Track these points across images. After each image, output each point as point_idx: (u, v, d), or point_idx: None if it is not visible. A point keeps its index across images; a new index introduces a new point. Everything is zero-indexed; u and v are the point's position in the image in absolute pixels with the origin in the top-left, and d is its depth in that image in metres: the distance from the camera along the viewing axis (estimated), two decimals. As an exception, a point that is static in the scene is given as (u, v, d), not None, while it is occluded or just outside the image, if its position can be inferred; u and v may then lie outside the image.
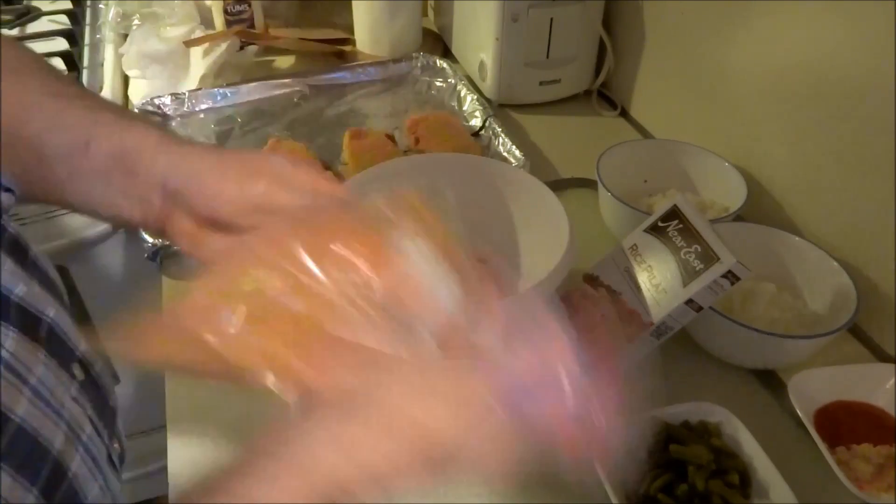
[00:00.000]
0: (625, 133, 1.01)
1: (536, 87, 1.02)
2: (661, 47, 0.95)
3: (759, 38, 0.77)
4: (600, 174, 0.77)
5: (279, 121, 0.98)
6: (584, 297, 0.65)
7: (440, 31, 1.21)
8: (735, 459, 0.54)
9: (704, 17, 0.85)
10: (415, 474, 0.32)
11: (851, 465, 0.56)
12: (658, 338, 0.59)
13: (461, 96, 1.01)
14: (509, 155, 0.88)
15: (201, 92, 1.00)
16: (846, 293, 0.64)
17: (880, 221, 0.65)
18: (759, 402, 0.63)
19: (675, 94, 0.94)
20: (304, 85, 1.04)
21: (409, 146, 0.93)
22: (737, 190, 0.76)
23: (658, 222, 0.61)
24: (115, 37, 1.13)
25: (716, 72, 0.85)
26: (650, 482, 0.53)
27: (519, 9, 0.93)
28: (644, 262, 0.60)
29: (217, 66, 1.04)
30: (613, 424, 0.33)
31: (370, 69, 1.09)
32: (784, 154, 0.77)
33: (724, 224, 0.71)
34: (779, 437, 0.58)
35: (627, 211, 0.73)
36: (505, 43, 0.96)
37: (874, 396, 0.60)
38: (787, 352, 0.62)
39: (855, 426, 0.59)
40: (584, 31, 1.00)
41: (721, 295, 0.56)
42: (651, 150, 0.86)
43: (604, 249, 0.65)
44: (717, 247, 0.56)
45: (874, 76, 0.63)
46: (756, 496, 0.53)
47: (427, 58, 1.10)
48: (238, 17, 1.16)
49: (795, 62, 0.73)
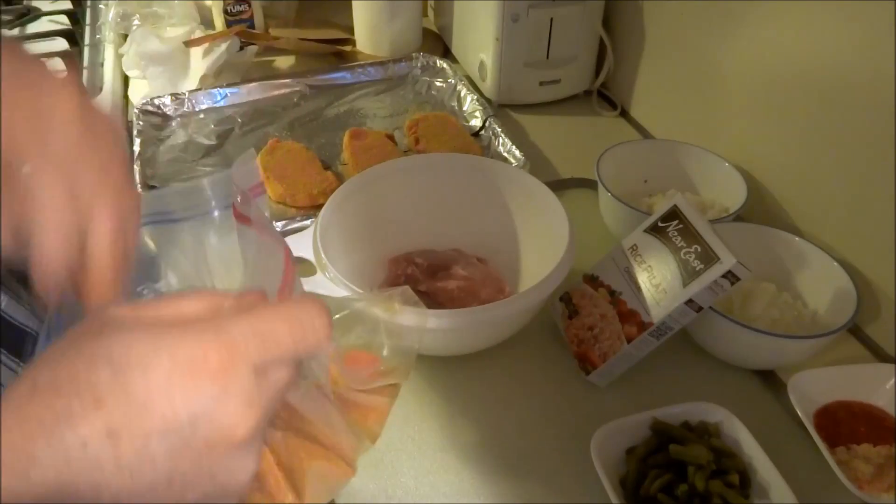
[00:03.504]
0: (625, 133, 1.01)
1: (536, 87, 1.02)
2: (661, 47, 0.95)
3: (759, 39, 0.77)
4: (600, 174, 0.77)
5: (279, 121, 0.99)
6: (584, 297, 0.65)
7: (440, 31, 1.21)
8: (735, 459, 0.54)
9: (704, 17, 0.85)
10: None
11: (851, 465, 0.56)
12: (658, 338, 0.59)
13: (461, 96, 1.01)
14: (509, 155, 0.88)
15: (201, 92, 1.00)
16: (846, 293, 0.64)
17: (880, 221, 0.65)
18: (759, 402, 0.63)
19: (675, 94, 0.94)
20: (304, 85, 1.04)
21: (409, 146, 0.93)
22: (737, 190, 0.76)
23: (658, 222, 0.61)
24: (115, 37, 1.13)
25: (716, 72, 0.85)
26: (650, 482, 0.53)
27: (519, 9, 0.93)
28: (644, 263, 0.60)
29: (217, 66, 1.04)
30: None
31: (370, 69, 1.09)
32: (784, 154, 0.77)
33: (724, 224, 0.71)
34: (779, 437, 0.58)
35: (627, 211, 0.73)
36: (505, 43, 0.96)
37: (874, 396, 0.60)
38: (787, 352, 0.62)
39: (855, 426, 0.59)
40: (584, 31, 1.00)
41: (721, 295, 0.56)
42: (651, 150, 0.86)
43: (604, 249, 0.65)
44: (717, 247, 0.56)
45: (874, 76, 0.63)
46: (756, 496, 0.53)
47: (427, 58, 1.10)
48: (238, 17, 1.16)
49: (795, 62, 0.73)
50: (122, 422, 0.24)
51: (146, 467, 0.25)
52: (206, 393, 0.26)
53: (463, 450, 0.58)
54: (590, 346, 0.62)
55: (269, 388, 0.28)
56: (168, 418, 0.25)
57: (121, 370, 0.25)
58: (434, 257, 0.73)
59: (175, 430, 0.25)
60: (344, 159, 0.90)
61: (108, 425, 0.24)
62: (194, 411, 0.25)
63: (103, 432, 0.24)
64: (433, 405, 0.62)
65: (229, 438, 0.26)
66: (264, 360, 0.27)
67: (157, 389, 0.25)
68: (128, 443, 0.24)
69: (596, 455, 0.53)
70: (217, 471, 0.26)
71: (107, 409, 0.24)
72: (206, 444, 0.26)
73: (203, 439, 0.26)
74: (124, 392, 0.25)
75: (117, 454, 0.24)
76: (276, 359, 0.28)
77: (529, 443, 0.59)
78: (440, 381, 0.64)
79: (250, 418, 0.27)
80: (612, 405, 0.61)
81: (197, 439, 0.25)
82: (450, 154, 0.84)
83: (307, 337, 0.29)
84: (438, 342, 0.61)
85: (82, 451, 0.24)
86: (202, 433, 0.26)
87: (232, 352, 0.26)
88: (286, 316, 0.29)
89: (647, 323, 0.58)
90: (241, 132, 0.96)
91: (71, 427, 0.24)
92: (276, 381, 0.28)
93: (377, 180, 0.71)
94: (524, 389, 0.64)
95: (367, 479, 0.55)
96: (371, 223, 0.71)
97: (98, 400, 0.24)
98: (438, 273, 0.71)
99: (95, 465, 0.24)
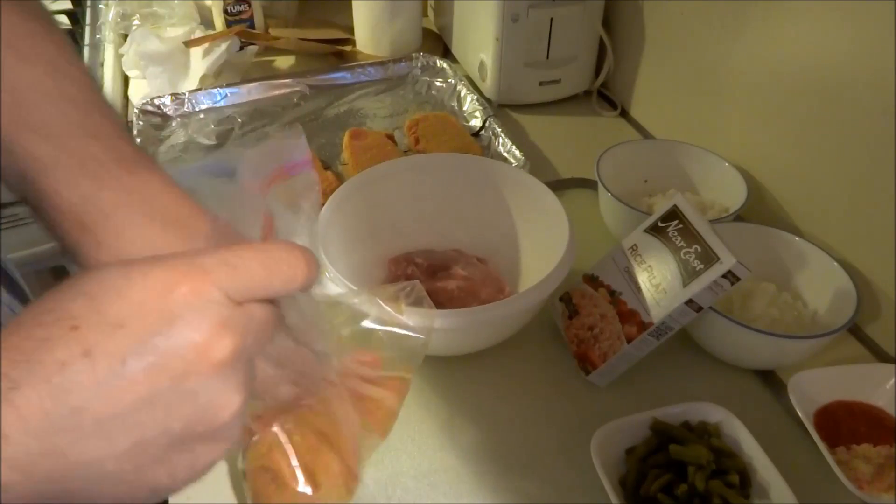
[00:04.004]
0: (625, 133, 1.01)
1: (536, 87, 1.02)
2: (661, 47, 0.95)
3: (759, 38, 0.77)
4: (600, 174, 0.77)
5: (279, 121, 0.99)
6: (584, 297, 0.65)
7: (440, 31, 1.21)
8: (735, 459, 0.54)
9: (704, 17, 0.85)
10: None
11: (851, 465, 0.56)
12: (658, 338, 0.59)
13: (461, 96, 1.01)
14: (509, 155, 0.88)
15: (201, 92, 1.00)
16: (846, 293, 0.64)
17: (880, 221, 0.65)
18: (759, 402, 0.63)
19: (675, 94, 0.94)
20: (304, 85, 1.04)
21: (409, 146, 0.93)
22: (737, 190, 0.76)
23: (658, 222, 0.61)
24: (115, 37, 1.13)
25: (716, 72, 0.85)
26: (650, 482, 0.53)
27: (519, 9, 0.93)
28: (644, 263, 0.60)
29: (217, 66, 1.05)
30: None
31: (370, 69, 1.09)
32: (784, 154, 0.77)
33: (724, 224, 0.71)
34: (779, 437, 0.58)
35: (627, 211, 0.73)
36: (505, 43, 0.96)
37: (874, 396, 0.60)
38: (787, 352, 0.62)
39: (855, 426, 0.59)
40: (584, 31, 1.00)
41: (721, 295, 0.56)
42: (651, 150, 0.86)
43: (604, 249, 0.65)
44: (717, 247, 0.56)
45: (874, 76, 0.63)
46: (756, 496, 0.53)
47: (427, 58, 1.10)
48: (238, 17, 1.16)
49: (795, 62, 0.73)
50: (97, 341, 0.25)
51: (125, 386, 0.25)
52: (179, 314, 0.26)
53: (463, 450, 0.58)
54: (590, 346, 0.62)
55: (247, 318, 0.28)
56: (142, 338, 0.25)
57: (95, 296, 0.26)
58: (434, 257, 0.73)
59: (150, 350, 0.25)
60: (344, 159, 0.90)
61: (83, 346, 0.25)
62: (168, 331, 0.26)
63: (79, 353, 0.25)
64: (433, 405, 0.62)
65: (206, 358, 0.26)
66: (236, 286, 0.28)
67: (130, 311, 0.26)
68: (104, 362, 0.25)
69: (596, 455, 0.53)
70: (198, 393, 0.27)
71: (82, 331, 0.25)
72: (182, 364, 0.26)
73: (179, 358, 0.26)
74: (98, 314, 0.25)
75: (95, 373, 0.25)
76: (248, 287, 0.28)
77: (529, 443, 0.59)
78: (440, 381, 0.64)
79: (226, 338, 0.27)
80: (612, 405, 0.61)
81: (173, 359, 0.26)
82: (450, 154, 0.84)
83: (282, 269, 0.29)
84: (438, 342, 0.61)
85: (60, 372, 0.24)
86: (178, 353, 0.26)
87: (202, 276, 0.27)
88: (259, 249, 0.29)
89: (647, 323, 0.58)
90: (241, 132, 0.96)
91: (49, 351, 0.24)
92: (254, 314, 0.28)
93: (377, 180, 0.71)
94: (524, 389, 0.64)
95: (368, 479, 0.55)
96: (371, 223, 0.71)
97: (74, 326, 0.25)
98: (438, 273, 0.71)
99: (75, 385, 0.24)
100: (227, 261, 0.28)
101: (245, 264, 0.28)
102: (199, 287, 0.27)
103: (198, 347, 0.26)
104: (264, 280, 0.29)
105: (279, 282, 0.29)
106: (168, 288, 0.26)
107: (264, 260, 0.29)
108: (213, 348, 0.26)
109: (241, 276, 0.28)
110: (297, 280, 0.29)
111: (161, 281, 0.26)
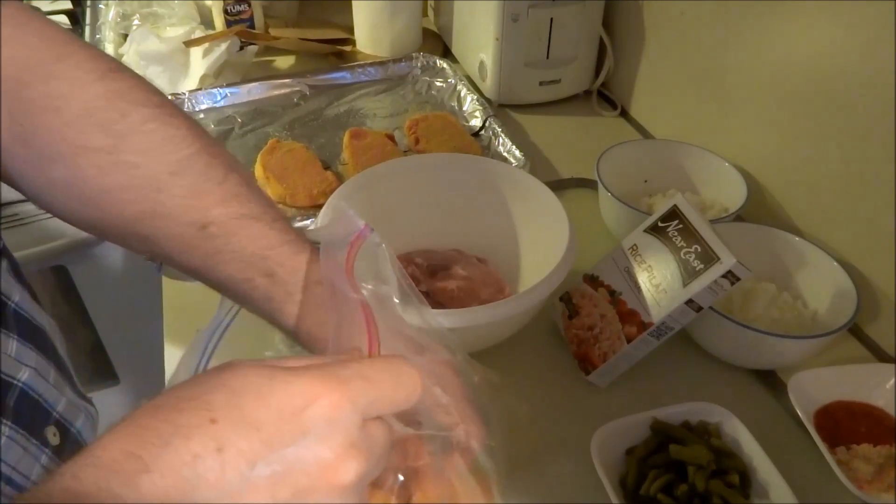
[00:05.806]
0: (625, 133, 1.01)
1: (536, 87, 1.02)
2: (661, 47, 0.95)
3: (759, 38, 0.77)
4: (600, 174, 0.77)
5: (279, 121, 0.99)
6: (584, 297, 0.65)
7: (440, 31, 1.21)
8: (735, 459, 0.54)
9: (704, 17, 0.85)
10: None
11: (851, 465, 0.56)
12: (658, 338, 0.59)
13: (461, 96, 1.01)
14: (509, 155, 0.88)
15: (201, 92, 1.00)
16: (846, 293, 0.64)
17: (880, 221, 0.65)
18: (759, 402, 0.63)
19: (675, 94, 0.94)
20: (304, 85, 1.04)
21: (409, 146, 0.93)
22: (737, 190, 0.76)
23: (658, 222, 0.61)
24: (115, 37, 1.13)
25: (716, 72, 0.85)
26: (650, 482, 0.53)
27: (519, 9, 0.93)
28: (644, 262, 0.60)
29: (217, 66, 1.05)
30: None
31: (370, 69, 1.09)
32: (784, 154, 0.77)
33: (724, 224, 0.71)
34: (779, 437, 0.58)
35: (627, 211, 0.73)
36: (505, 43, 0.96)
37: (874, 396, 0.60)
38: (787, 352, 0.62)
39: (855, 426, 0.59)
40: (584, 31, 1.00)
41: (721, 295, 0.56)
42: (651, 150, 0.86)
43: (604, 249, 0.65)
44: (717, 247, 0.56)
45: (874, 76, 0.63)
46: (756, 496, 0.53)
47: (427, 58, 1.10)
48: (238, 17, 1.16)
49: (795, 62, 0.73)
50: (232, 440, 0.25)
51: (247, 491, 0.25)
52: (312, 427, 0.26)
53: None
54: (590, 346, 0.62)
55: (371, 440, 0.28)
56: (275, 446, 0.25)
57: (237, 394, 0.26)
58: (434, 257, 0.73)
59: (279, 459, 0.25)
60: (344, 159, 0.90)
61: (218, 442, 0.24)
62: (300, 443, 0.26)
63: (213, 448, 0.24)
64: (433, 405, 0.62)
65: (332, 478, 0.26)
66: (369, 400, 0.28)
67: (269, 416, 0.25)
68: (234, 462, 0.24)
69: (596, 455, 0.53)
70: None
71: (219, 425, 0.25)
72: (307, 480, 0.26)
73: (305, 474, 0.26)
74: (239, 412, 0.25)
75: (223, 472, 0.24)
76: (378, 400, 0.28)
77: (529, 443, 0.59)
78: (440, 381, 0.64)
79: (354, 461, 0.27)
80: (612, 405, 0.61)
81: (299, 473, 0.26)
82: (450, 154, 0.84)
83: (406, 384, 0.29)
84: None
85: (192, 464, 0.24)
86: (305, 467, 0.26)
87: (341, 390, 0.27)
88: (385, 361, 0.30)
89: (647, 323, 0.58)
90: (241, 132, 0.96)
91: (185, 439, 0.24)
92: (377, 436, 0.28)
93: (377, 180, 0.71)
94: (524, 390, 0.64)
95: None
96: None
97: (213, 418, 0.25)
98: (438, 273, 0.71)
99: (201, 481, 0.24)
100: (363, 373, 0.28)
101: (377, 376, 0.28)
102: (338, 402, 0.27)
103: (326, 466, 0.26)
104: (391, 394, 0.29)
105: (403, 396, 0.29)
106: (307, 400, 0.26)
107: (390, 374, 0.29)
108: (340, 469, 0.26)
109: (373, 391, 0.28)
110: (416, 395, 0.30)
111: (302, 391, 0.26)
